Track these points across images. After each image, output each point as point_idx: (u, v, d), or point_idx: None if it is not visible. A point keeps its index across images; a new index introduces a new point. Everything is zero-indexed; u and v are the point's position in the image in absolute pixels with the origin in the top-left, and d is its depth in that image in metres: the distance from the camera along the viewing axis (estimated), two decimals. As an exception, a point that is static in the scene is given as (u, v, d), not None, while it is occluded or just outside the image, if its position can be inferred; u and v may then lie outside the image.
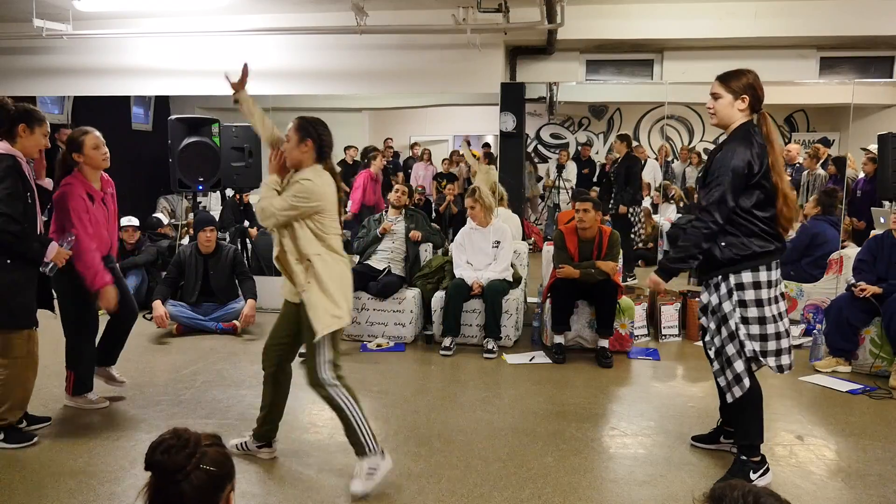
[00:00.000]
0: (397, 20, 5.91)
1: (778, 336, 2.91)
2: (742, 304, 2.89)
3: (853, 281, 4.58)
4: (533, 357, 4.89)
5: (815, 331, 4.91)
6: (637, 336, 5.21)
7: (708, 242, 2.86)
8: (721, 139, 3.05)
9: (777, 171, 2.88)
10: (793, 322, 5.57)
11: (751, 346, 2.90)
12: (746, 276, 2.87)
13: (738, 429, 3.05)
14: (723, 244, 2.88)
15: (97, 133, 3.62)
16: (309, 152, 2.86)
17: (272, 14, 6.17)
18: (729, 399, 2.96)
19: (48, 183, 3.64)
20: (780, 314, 2.93)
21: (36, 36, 5.94)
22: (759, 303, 2.88)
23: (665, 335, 5.43)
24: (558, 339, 4.88)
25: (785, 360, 2.94)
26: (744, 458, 2.98)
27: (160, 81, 6.61)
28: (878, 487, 2.97)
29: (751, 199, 2.86)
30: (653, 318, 5.53)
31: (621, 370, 4.69)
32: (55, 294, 3.65)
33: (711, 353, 3.01)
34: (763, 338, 2.90)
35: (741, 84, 2.87)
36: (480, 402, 3.98)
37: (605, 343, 4.84)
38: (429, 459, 3.18)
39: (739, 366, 2.91)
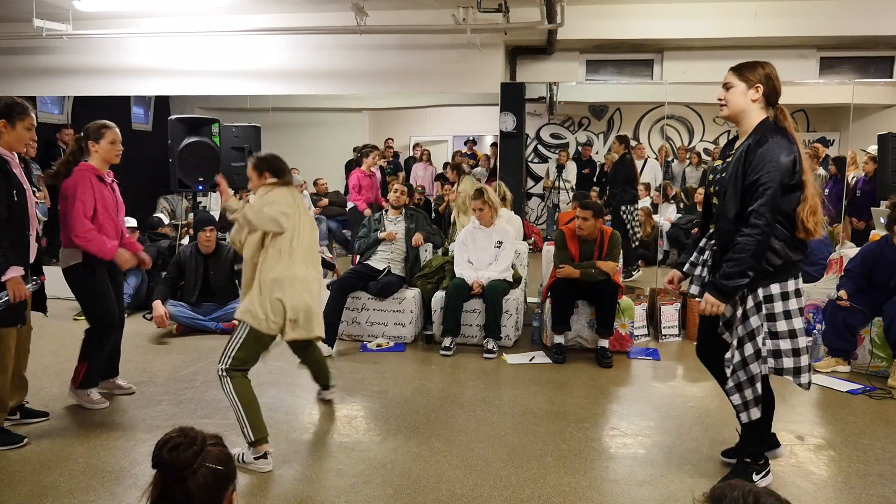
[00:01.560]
0: (397, 20, 5.91)
1: (807, 350, 2.73)
2: (770, 317, 2.66)
3: (836, 293, 4.63)
4: (533, 357, 4.89)
5: (815, 331, 4.91)
6: (637, 336, 5.21)
7: (764, 249, 2.56)
8: (721, 139, 2.95)
9: (806, 170, 2.59)
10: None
11: (775, 364, 2.69)
12: (775, 288, 2.64)
13: (747, 436, 2.96)
14: None
15: (118, 130, 3.73)
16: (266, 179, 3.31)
17: (272, 14, 6.18)
18: (744, 420, 2.78)
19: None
20: (803, 327, 2.72)
21: (36, 36, 5.94)
22: (787, 314, 2.65)
23: (665, 335, 5.43)
24: (558, 339, 4.88)
25: (807, 377, 2.74)
26: (748, 460, 2.95)
27: (160, 81, 6.62)
28: (878, 487, 2.97)
29: (791, 202, 2.59)
30: (653, 318, 5.53)
31: (621, 370, 4.68)
32: (72, 290, 3.65)
33: (728, 371, 2.77)
34: (796, 353, 2.68)
35: (756, 74, 2.66)
36: (480, 402, 3.98)
37: (605, 343, 4.84)
38: (429, 459, 3.18)
39: (759, 387, 2.73)
